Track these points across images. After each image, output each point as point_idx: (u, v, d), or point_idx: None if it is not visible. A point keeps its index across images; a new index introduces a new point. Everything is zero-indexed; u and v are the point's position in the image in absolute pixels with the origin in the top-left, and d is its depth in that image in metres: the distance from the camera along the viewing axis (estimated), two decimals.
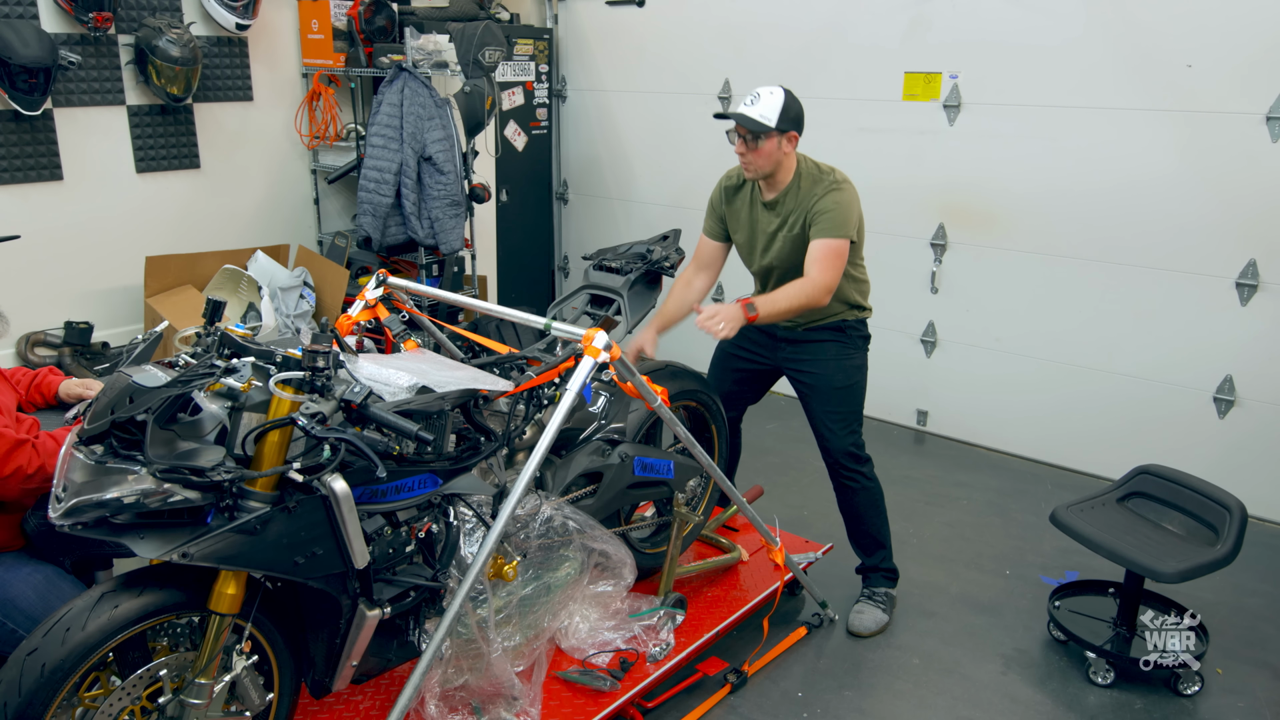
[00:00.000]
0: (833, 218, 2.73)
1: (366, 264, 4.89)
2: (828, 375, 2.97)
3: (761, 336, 3.06)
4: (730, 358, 3.17)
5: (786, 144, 2.76)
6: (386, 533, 2.04)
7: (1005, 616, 3.25)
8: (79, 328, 4.07)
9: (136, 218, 4.35)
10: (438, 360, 2.32)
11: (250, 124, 4.67)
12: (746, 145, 2.74)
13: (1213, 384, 3.95)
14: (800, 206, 2.80)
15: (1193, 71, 3.74)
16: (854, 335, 3.00)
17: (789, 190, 2.83)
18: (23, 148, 3.93)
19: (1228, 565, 2.80)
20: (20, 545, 2.22)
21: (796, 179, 2.82)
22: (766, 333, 3.04)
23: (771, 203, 2.87)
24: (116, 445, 1.69)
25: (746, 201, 2.95)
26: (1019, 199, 4.28)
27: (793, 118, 2.73)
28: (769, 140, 2.71)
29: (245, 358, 1.85)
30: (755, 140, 2.72)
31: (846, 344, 2.98)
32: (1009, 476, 4.35)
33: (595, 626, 2.66)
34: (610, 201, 5.86)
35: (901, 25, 4.41)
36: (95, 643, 1.69)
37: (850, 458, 3.01)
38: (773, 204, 2.87)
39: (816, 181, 2.80)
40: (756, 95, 2.73)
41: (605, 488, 2.59)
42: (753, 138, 2.71)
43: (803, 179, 2.82)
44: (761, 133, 2.69)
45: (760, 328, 3.03)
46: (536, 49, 5.55)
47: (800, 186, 2.81)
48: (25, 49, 3.67)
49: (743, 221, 2.97)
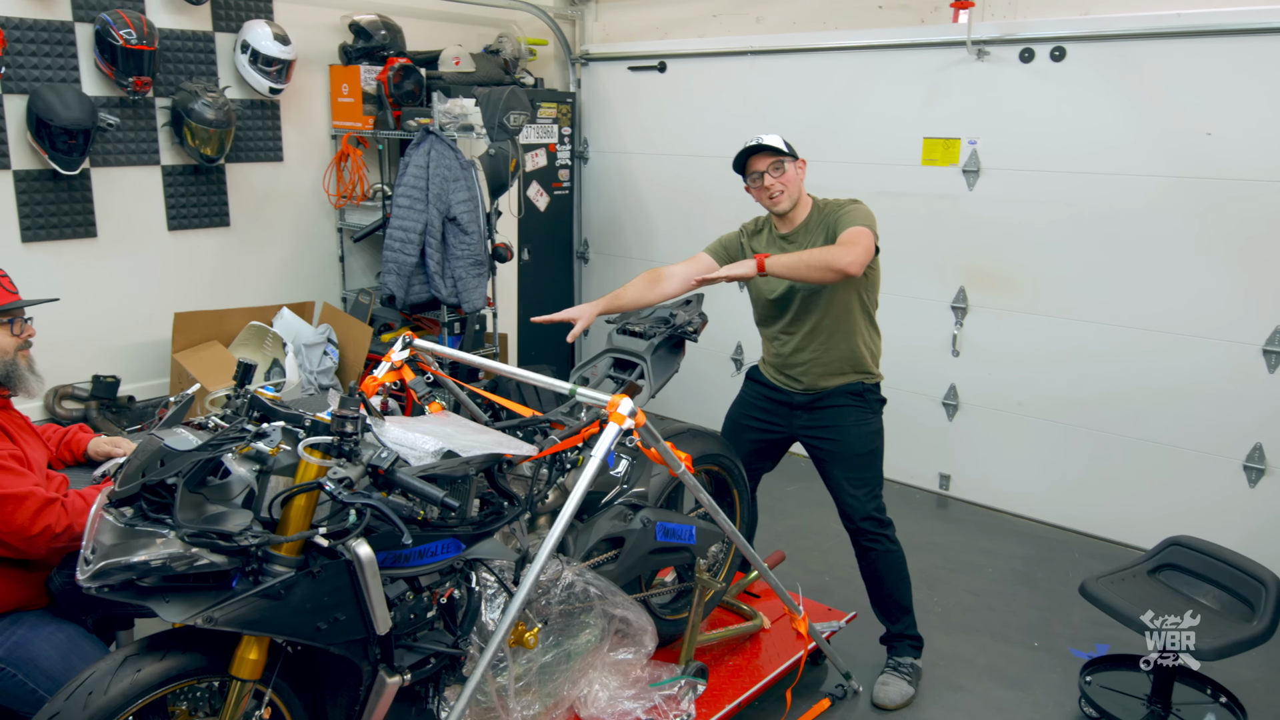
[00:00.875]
0: (852, 214, 2.82)
1: (389, 321, 4.94)
2: (848, 442, 2.96)
3: (777, 406, 3.05)
4: (744, 429, 3.15)
5: (800, 171, 2.91)
6: (408, 598, 2.02)
7: (1034, 691, 3.17)
8: (106, 382, 4.12)
9: (166, 274, 4.43)
10: (461, 423, 2.33)
11: (280, 184, 4.78)
12: (773, 175, 2.84)
13: (1242, 452, 3.89)
14: (820, 227, 2.89)
15: (1213, 139, 3.77)
16: (871, 399, 2.99)
17: (807, 222, 2.93)
18: (60, 205, 4.03)
19: (1265, 642, 2.72)
20: (44, 604, 2.21)
21: (813, 211, 2.94)
22: (783, 402, 3.04)
23: (790, 235, 2.95)
24: (146, 508, 1.70)
25: (764, 242, 3.02)
26: (1040, 263, 4.29)
27: (793, 149, 2.90)
28: (791, 165, 2.86)
29: (275, 421, 1.86)
30: (781, 167, 2.84)
31: (864, 409, 2.97)
32: (1034, 544, 4.28)
33: (615, 695, 2.61)
34: (631, 261, 5.92)
35: (920, 92, 4.49)
36: (117, 707, 1.67)
37: (873, 523, 2.97)
38: (790, 236, 2.95)
39: (829, 208, 2.93)
40: (759, 136, 2.89)
41: (627, 553, 2.56)
42: (776, 167, 2.83)
43: (817, 209, 2.94)
44: (785, 158, 2.84)
45: (776, 396, 3.03)
46: (560, 112, 5.67)
47: (817, 215, 2.93)
48: (66, 111, 3.79)
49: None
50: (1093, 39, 3.98)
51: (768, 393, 3.09)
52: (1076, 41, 4.02)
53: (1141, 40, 3.87)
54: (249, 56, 4.39)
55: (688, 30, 5.42)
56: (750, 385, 3.18)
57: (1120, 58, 3.93)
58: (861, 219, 2.81)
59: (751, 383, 3.18)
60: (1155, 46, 3.85)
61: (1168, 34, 3.80)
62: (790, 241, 2.94)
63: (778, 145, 2.85)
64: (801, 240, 2.92)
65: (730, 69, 5.17)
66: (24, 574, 2.18)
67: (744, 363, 5.43)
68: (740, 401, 3.20)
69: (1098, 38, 3.97)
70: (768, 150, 2.84)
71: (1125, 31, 3.89)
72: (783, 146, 2.86)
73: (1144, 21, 3.84)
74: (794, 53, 4.91)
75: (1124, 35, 3.90)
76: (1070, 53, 4.04)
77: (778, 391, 3.06)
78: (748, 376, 3.21)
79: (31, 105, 3.78)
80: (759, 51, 5.03)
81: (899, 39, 4.51)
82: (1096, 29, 3.96)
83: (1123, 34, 3.90)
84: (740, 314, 3.55)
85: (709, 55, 5.26)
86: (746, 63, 5.09)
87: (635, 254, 5.90)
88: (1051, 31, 4.07)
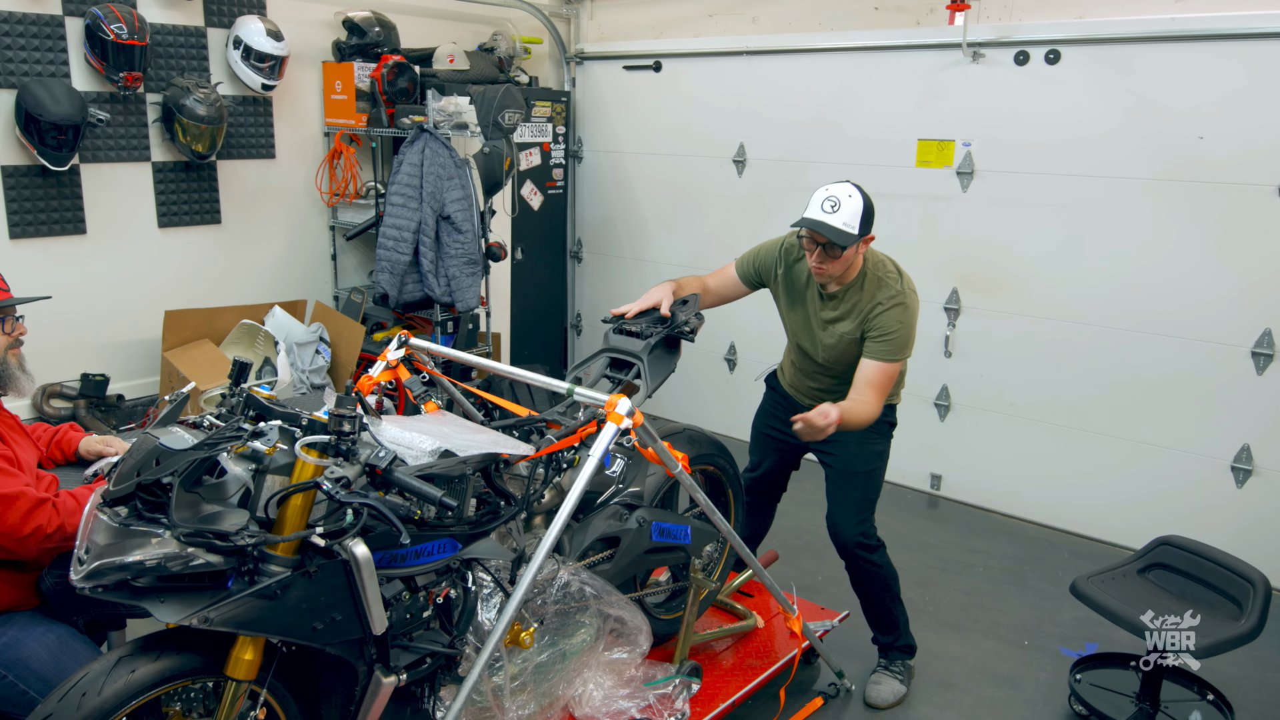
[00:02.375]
0: (893, 340, 2.66)
1: (382, 320, 4.92)
2: (847, 458, 2.94)
3: (789, 415, 3.05)
4: (767, 438, 3.17)
5: (863, 246, 2.66)
6: (404, 598, 2.02)
7: (1025, 689, 3.18)
8: (95, 380, 4.08)
9: (157, 271, 4.40)
10: (458, 422, 2.32)
11: (272, 181, 4.75)
12: (825, 255, 2.61)
13: (1230, 453, 3.92)
14: (861, 309, 2.72)
15: (1205, 143, 3.79)
16: (879, 421, 2.94)
17: (852, 286, 2.74)
18: (48, 202, 3.99)
19: (1252, 640, 2.75)
20: (35, 604, 2.20)
21: (861, 277, 2.72)
22: (793, 411, 3.03)
23: (832, 296, 2.78)
24: (141, 508, 1.69)
25: (804, 280, 2.86)
26: (1033, 265, 4.31)
27: (870, 219, 2.61)
28: (850, 250, 2.61)
29: (271, 420, 1.85)
30: (836, 249, 2.59)
31: (870, 429, 2.94)
32: (1025, 543, 4.30)
33: (610, 695, 2.61)
34: (624, 261, 5.92)
35: (915, 93, 4.50)
36: (111, 708, 1.66)
37: (859, 546, 2.95)
38: (833, 297, 2.77)
39: (881, 285, 2.70)
40: (836, 201, 2.57)
41: (623, 553, 2.56)
42: (834, 247, 2.59)
43: (867, 279, 2.72)
44: (845, 245, 2.58)
45: (787, 406, 3.04)
46: (554, 111, 5.66)
47: (864, 287, 2.72)
48: (56, 106, 3.75)
49: (796, 298, 2.90)
50: (1087, 42, 4.00)
51: (783, 401, 3.10)
52: (1071, 44, 4.04)
53: (1136, 44, 3.89)
54: (241, 52, 4.36)
55: (683, 30, 5.42)
56: (769, 394, 3.20)
57: (1114, 61, 3.95)
58: (896, 349, 2.66)
59: (770, 391, 3.20)
60: (1149, 50, 3.87)
61: (1162, 38, 3.82)
62: (829, 301, 2.79)
63: (847, 226, 2.52)
64: (841, 308, 2.76)
65: (726, 69, 5.17)
66: (14, 574, 2.16)
67: (737, 363, 5.44)
68: (761, 411, 3.22)
69: (1092, 41, 3.99)
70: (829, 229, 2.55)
71: (1120, 35, 3.91)
72: (854, 229, 2.54)
73: (1138, 25, 3.86)
74: (790, 53, 4.91)
75: (1118, 39, 3.92)
76: (1065, 56, 4.06)
77: (791, 401, 3.07)
78: (767, 384, 3.22)
79: (20, 100, 3.75)
80: (755, 52, 5.03)
81: (894, 40, 4.52)
82: (1091, 32, 3.98)
83: (1117, 37, 3.92)
84: (734, 315, 3.57)
85: (704, 55, 5.26)
86: (742, 63, 5.09)
87: (629, 253, 5.89)
88: (1046, 34, 4.08)
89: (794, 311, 2.93)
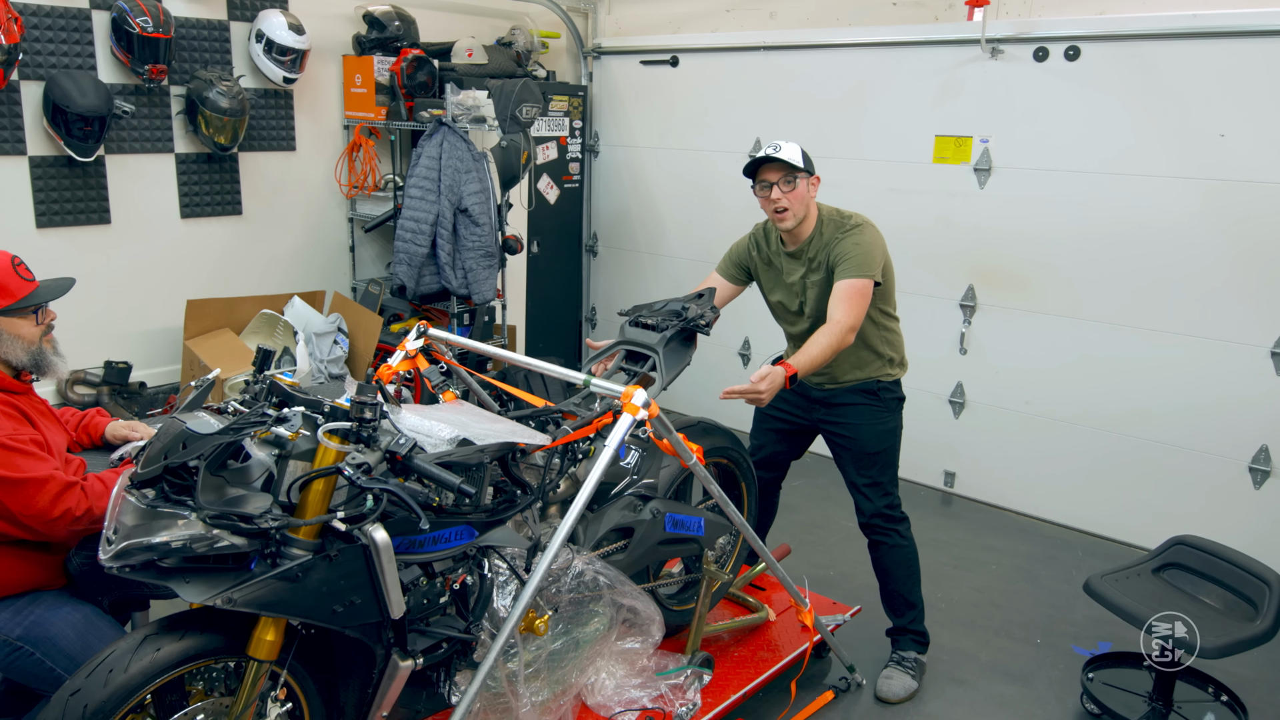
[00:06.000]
0: (855, 259, 2.76)
1: (399, 311, 4.96)
2: (860, 439, 2.97)
3: (796, 397, 3.07)
4: (769, 419, 3.19)
5: (812, 187, 2.85)
6: (422, 583, 2.05)
7: (1037, 687, 3.19)
8: (118, 367, 4.15)
9: (178, 261, 4.45)
10: (476, 412, 2.35)
11: (292, 173, 4.80)
12: (782, 189, 2.78)
13: (1248, 454, 3.90)
14: (824, 250, 2.84)
15: (1225, 140, 3.77)
16: (887, 397, 2.99)
17: (812, 238, 2.87)
18: (74, 192, 4.05)
19: (1267, 641, 2.74)
20: (61, 584, 2.24)
21: (819, 226, 2.87)
22: (801, 394, 3.05)
23: (796, 252, 2.92)
24: (168, 490, 1.72)
25: (777, 255, 2.99)
26: (1049, 262, 4.30)
27: (810, 163, 2.82)
28: (803, 181, 2.79)
29: (294, 407, 1.88)
30: (791, 182, 2.77)
31: (879, 407, 2.98)
32: (1038, 542, 4.30)
33: (622, 684, 2.63)
34: (639, 255, 5.94)
35: (933, 89, 4.49)
36: (136, 685, 1.70)
37: (884, 519, 3.00)
38: (797, 253, 2.91)
39: (838, 226, 2.85)
40: (778, 145, 2.79)
41: (636, 543, 2.59)
42: (788, 181, 2.77)
43: (825, 225, 2.87)
44: (796, 174, 2.77)
45: (794, 389, 3.04)
46: (571, 105, 5.68)
47: (823, 233, 2.86)
48: (82, 98, 3.81)
49: (774, 275, 3.00)
50: (1107, 39, 3.98)
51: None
52: (1091, 41, 4.02)
53: (1156, 40, 3.87)
54: (263, 46, 4.40)
55: (700, 25, 5.42)
56: None
57: (1134, 58, 3.93)
58: (860, 266, 2.74)
59: None
60: (1170, 47, 3.85)
61: (1183, 34, 3.80)
62: (795, 259, 2.92)
63: (793, 159, 2.76)
64: (804, 259, 2.89)
65: (743, 64, 5.18)
66: (42, 555, 2.20)
67: (751, 357, 5.45)
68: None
69: (1112, 37, 3.97)
70: (781, 162, 2.77)
71: (1140, 32, 3.89)
72: (799, 160, 2.77)
73: (1159, 22, 3.84)
74: (807, 49, 4.91)
75: (1139, 35, 3.90)
76: (1085, 52, 4.05)
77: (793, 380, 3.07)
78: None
79: (48, 92, 3.80)
80: (772, 47, 5.03)
81: (913, 36, 4.51)
82: (1111, 29, 3.96)
83: (1137, 34, 3.90)
84: (749, 309, 3.57)
85: (722, 50, 5.26)
86: (759, 58, 5.10)
87: (644, 248, 5.91)
88: (1066, 31, 4.07)
89: (776, 289, 3.01)
